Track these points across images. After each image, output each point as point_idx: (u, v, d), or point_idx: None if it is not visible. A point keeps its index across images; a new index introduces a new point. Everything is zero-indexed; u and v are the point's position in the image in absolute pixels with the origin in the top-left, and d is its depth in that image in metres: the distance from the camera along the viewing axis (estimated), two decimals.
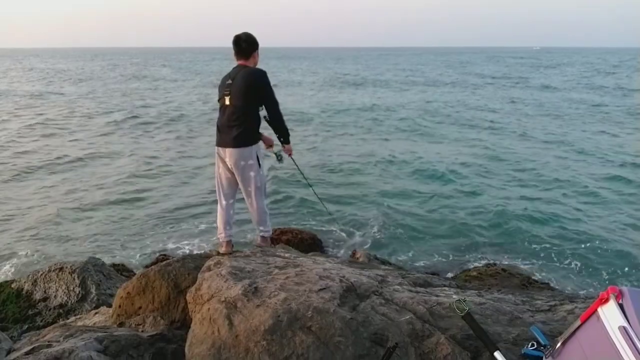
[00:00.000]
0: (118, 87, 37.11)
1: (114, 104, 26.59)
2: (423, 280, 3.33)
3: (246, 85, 3.37)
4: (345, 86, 38.26)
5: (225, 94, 3.40)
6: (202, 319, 2.46)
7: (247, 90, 3.37)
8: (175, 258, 3.82)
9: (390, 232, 8.47)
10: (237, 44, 3.44)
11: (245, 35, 3.46)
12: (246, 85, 3.37)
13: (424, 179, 11.84)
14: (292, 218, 9.19)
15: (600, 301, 1.72)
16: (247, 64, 3.47)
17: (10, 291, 5.07)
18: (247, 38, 3.45)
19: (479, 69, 62.32)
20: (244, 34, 3.46)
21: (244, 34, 3.47)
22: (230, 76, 3.43)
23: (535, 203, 9.84)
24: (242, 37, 3.44)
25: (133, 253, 7.82)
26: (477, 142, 16.30)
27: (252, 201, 3.66)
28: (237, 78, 3.39)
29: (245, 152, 3.45)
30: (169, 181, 12.07)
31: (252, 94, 3.40)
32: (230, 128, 3.41)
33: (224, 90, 3.42)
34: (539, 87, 35.81)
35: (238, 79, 3.38)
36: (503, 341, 2.27)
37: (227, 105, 3.40)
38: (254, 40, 3.48)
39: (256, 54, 3.52)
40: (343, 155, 14.71)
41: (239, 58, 3.48)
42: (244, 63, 3.47)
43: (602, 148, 15.04)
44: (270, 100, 3.46)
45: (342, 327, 2.25)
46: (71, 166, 13.42)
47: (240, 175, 3.53)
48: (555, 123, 20.07)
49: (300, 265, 3.01)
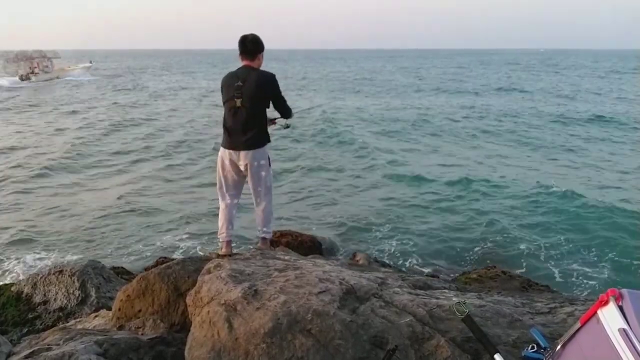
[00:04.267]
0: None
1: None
2: (423, 282, 3.33)
3: (260, 90, 3.40)
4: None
5: (236, 96, 3.38)
6: (202, 321, 2.46)
7: (261, 94, 3.42)
8: (175, 261, 3.81)
9: (390, 235, 8.46)
10: (243, 44, 3.44)
11: (252, 36, 3.47)
12: (260, 89, 3.40)
13: (423, 182, 11.84)
14: (292, 220, 9.19)
15: (600, 303, 1.71)
16: (252, 65, 3.47)
17: (10, 294, 5.05)
18: (254, 39, 3.46)
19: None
20: (251, 35, 3.48)
21: (251, 34, 3.48)
22: (240, 78, 3.40)
23: (536, 204, 9.85)
24: (248, 38, 3.45)
25: (133, 256, 7.81)
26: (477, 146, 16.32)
27: (260, 201, 3.69)
28: (248, 81, 3.37)
29: (258, 153, 3.51)
30: (169, 183, 12.07)
31: (265, 98, 3.46)
32: (244, 131, 3.43)
33: (234, 92, 3.39)
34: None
35: (250, 83, 3.37)
36: (503, 344, 2.27)
37: (239, 108, 3.39)
38: (260, 41, 3.49)
39: (261, 55, 3.53)
40: (341, 157, 14.75)
41: (244, 58, 3.48)
42: (250, 64, 3.47)
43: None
44: (281, 102, 3.55)
45: (342, 330, 2.25)
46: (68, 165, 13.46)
47: (254, 176, 3.57)
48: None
49: (300, 267, 3.01)
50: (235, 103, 3.39)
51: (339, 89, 39.54)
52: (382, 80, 48.39)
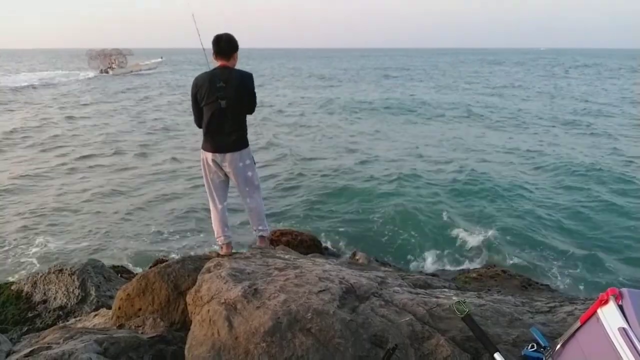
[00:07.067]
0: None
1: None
2: (423, 281, 3.33)
3: (243, 90, 3.38)
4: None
5: (219, 97, 3.32)
6: (202, 320, 2.46)
7: (245, 94, 3.41)
8: (175, 260, 3.82)
9: (390, 234, 8.47)
10: (217, 44, 3.39)
11: (226, 35, 3.42)
12: (243, 89, 3.38)
13: (424, 183, 11.84)
14: (292, 219, 9.19)
15: (599, 302, 1.72)
16: (228, 65, 3.42)
17: (9, 293, 5.05)
18: (228, 38, 3.40)
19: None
20: (225, 34, 3.42)
21: (225, 34, 3.42)
22: (221, 79, 3.33)
23: (535, 205, 9.85)
24: (223, 38, 3.39)
25: (133, 255, 7.81)
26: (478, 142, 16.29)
27: (251, 200, 3.69)
28: (231, 82, 3.33)
29: (244, 153, 3.52)
30: (168, 183, 12.07)
31: (247, 98, 3.45)
32: (229, 132, 3.42)
33: (216, 93, 3.32)
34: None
35: (233, 83, 3.34)
36: (503, 343, 2.27)
37: (224, 109, 3.35)
38: (235, 40, 3.45)
39: (236, 55, 3.49)
40: (341, 156, 14.74)
41: (219, 58, 3.41)
42: (226, 64, 3.41)
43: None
44: (253, 99, 3.52)
45: (341, 329, 2.25)
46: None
47: (240, 177, 3.56)
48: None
49: (300, 266, 3.01)
50: (219, 105, 3.34)
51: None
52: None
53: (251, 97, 3.49)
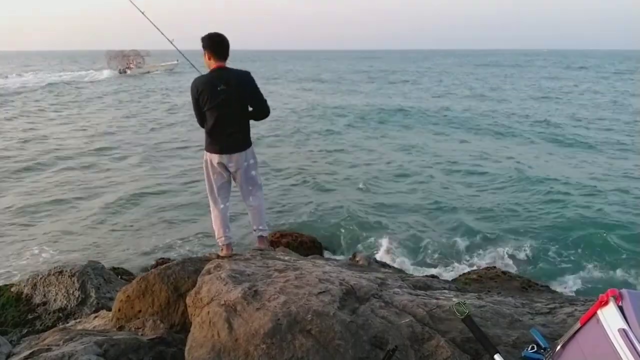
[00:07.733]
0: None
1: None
2: (423, 283, 3.33)
3: (243, 90, 3.37)
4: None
5: (223, 100, 3.31)
6: (202, 322, 2.46)
7: (247, 94, 3.41)
8: (175, 261, 3.81)
9: (389, 235, 8.46)
10: (220, 46, 3.34)
11: (224, 35, 3.38)
12: (244, 90, 3.37)
13: (421, 183, 11.84)
14: (292, 221, 9.19)
15: (599, 304, 1.72)
16: (224, 66, 3.38)
17: (9, 295, 5.04)
18: (226, 39, 3.38)
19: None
20: (222, 34, 3.38)
21: (222, 34, 3.39)
22: (222, 81, 3.30)
23: (536, 205, 9.85)
24: (225, 38, 3.37)
25: (133, 256, 7.80)
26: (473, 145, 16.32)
27: (254, 199, 3.70)
28: (231, 83, 3.31)
29: (248, 152, 3.54)
30: (168, 183, 12.07)
31: (250, 98, 3.45)
32: (235, 133, 3.43)
33: (219, 96, 3.30)
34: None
35: (234, 84, 3.32)
36: (503, 344, 2.27)
37: (229, 112, 3.35)
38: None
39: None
40: (341, 160, 14.74)
41: (218, 60, 3.35)
42: (223, 65, 3.37)
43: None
44: (259, 97, 3.48)
45: (341, 331, 2.25)
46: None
47: (244, 176, 3.57)
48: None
49: (300, 268, 3.01)
50: (223, 107, 3.33)
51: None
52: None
53: (255, 95, 3.44)
